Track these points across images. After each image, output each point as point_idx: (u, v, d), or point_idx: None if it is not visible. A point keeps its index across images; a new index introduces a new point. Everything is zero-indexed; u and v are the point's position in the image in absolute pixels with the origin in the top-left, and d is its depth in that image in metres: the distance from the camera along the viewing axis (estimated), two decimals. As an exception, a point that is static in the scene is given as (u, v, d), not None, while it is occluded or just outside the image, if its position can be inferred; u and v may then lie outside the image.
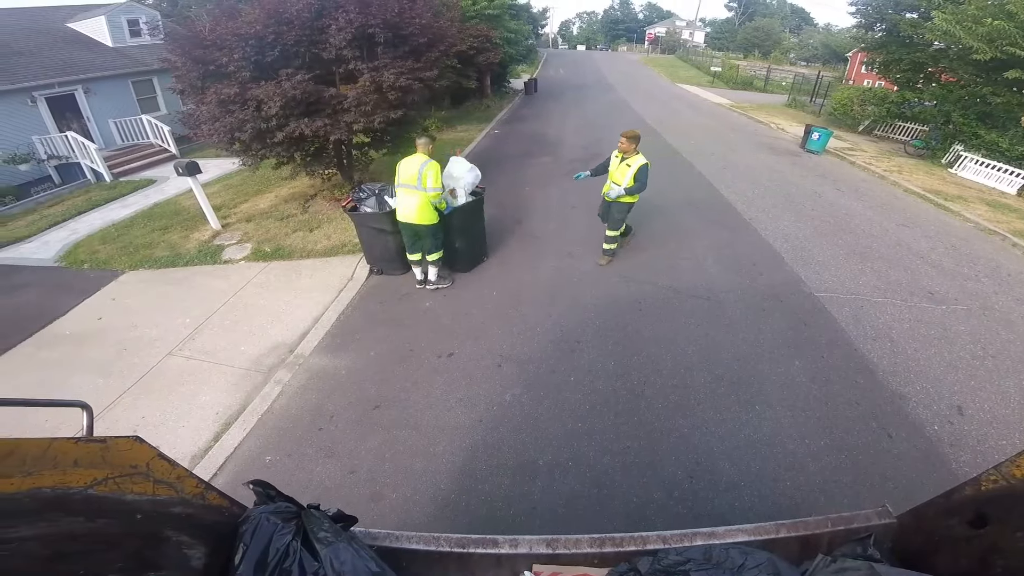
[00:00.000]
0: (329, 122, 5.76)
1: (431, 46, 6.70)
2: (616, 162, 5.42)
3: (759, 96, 25.41)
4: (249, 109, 5.44)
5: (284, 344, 4.98)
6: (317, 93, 5.67)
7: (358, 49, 5.89)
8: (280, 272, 6.11)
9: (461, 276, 5.84)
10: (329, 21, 5.59)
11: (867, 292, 5.62)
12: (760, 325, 4.95)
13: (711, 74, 31.67)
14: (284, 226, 7.06)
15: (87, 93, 13.11)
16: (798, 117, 18.75)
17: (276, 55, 5.40)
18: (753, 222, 7.28)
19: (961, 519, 1.29)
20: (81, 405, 1.32)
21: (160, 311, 5.62)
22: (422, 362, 4.55)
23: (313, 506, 1.44)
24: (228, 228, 7.28)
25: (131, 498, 1.09)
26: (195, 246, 6.90)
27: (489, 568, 1.59)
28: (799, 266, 6.07)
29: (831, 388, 4.19)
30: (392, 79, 5.77)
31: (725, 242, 6.65)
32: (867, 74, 37.32)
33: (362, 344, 4.87)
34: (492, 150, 12.15)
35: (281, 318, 5.37)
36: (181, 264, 6.59)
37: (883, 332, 4.93)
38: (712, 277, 5.77)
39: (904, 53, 14.26)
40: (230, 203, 8.47)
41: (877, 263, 6.30)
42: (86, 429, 1.30)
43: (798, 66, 45.12)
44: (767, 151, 12.41)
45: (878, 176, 10.91)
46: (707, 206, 8.07)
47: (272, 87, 5.26)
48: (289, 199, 8.26)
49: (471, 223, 5.72)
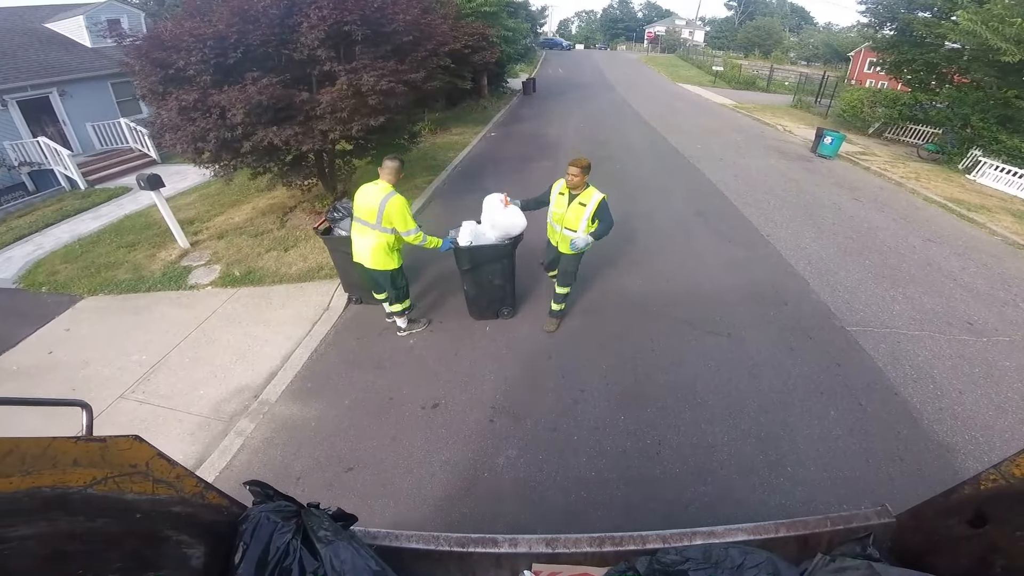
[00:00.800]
0: (301, 130, 5.13)
1: (417, 45, 6.08)
2: (563, 201, 4.10)
3: (762, 96, 24.82)
4: (212, 117, 4.83)
5: (248, 388, 4.39)
6: (287, 98, 5.05)
7: (333, 49, 5.27)
8: (249, 300, 5.50)
9: (456, 311, 5.20)
10: (300, 18, 4.98)
11: (902, 324, 5.06)
12: (788, 368, 4.37)
13: (713, 73, 31.06)
14: (257, 244, 6.45)
15: (62, 96, 12.45)
16: (804, 118, 18.18)
17: (239, 56, 4.77)
18: (771, 239, 6.69)
19: (960, 518, 1.26)
20: (81, 404, 1.32)
21: (116, 345, 5.03)
22: (403, 413, 3.96)
23: (313, 505, 1.42)
24: (197, 246, 6.67)
25: (131, 497, 1.08)
26: (160, 267, 6.30)
27: (489, 567, 1.58)
28: (826, 293, 5.48)
29: (871, 442, 3.64)
30: (372, 82, 5.14)
31: (742, 263, 6.06)
32: (870, 74, 36.82)
33: (336, 390, 4.28)
34: (488, 154, 11.56)
35: (246, 356, 4.77)
36: (143, 289, 5.99)
37: (924, 372, 4.39)
38: (731, 307, 5.17)
39: (917, 53, 13.71)
40: (204, 215, 7.86)
41: (909, 288, 5.74)
42: (85, 428, 1.30)
43: (798, 65, 44.61)
44: (777, 155, 11.83)
45: (895, 183, 10.36)
46: (719, 218, 7.48)
47: (236, 92, 4.64)
48: (267, 211, 7.65)
49: (488, 272, 4.53)
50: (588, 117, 16.29)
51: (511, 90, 22.36)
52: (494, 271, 4.46)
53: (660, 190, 8.75)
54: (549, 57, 44.82)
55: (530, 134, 13.62)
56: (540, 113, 17.31)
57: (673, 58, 47.60)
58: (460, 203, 8.02)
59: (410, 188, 8.39)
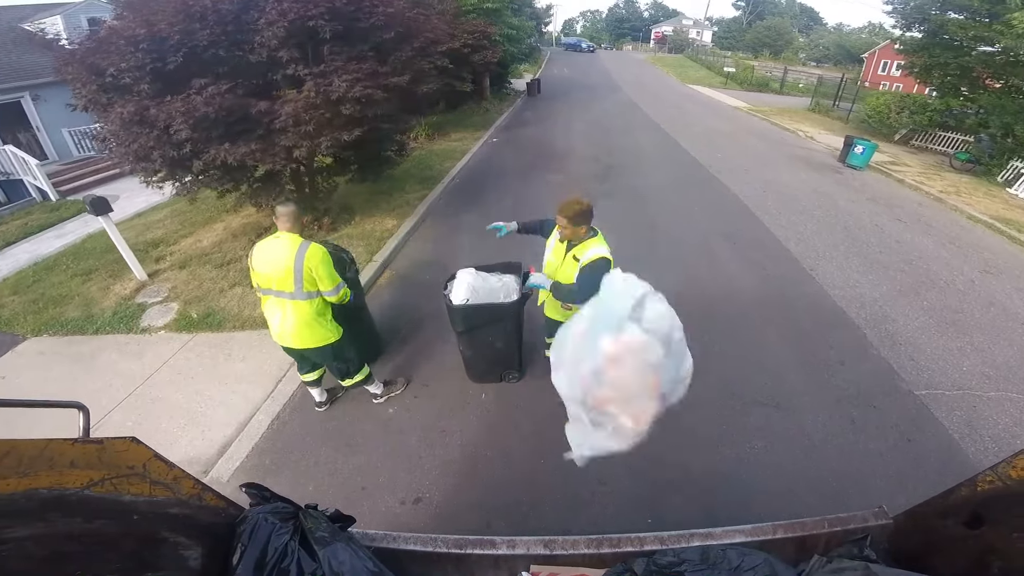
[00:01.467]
0: (260, 147, 4.31)
1: (401, 43, 5.23)
2: (560, 250, 3.02)
3: (776, 99, 23.89)
4: (154, 132, 4.01)
5: (198, 460, 3.59)
6: (241, 109, 4.22)
7: (298, 49, 4.44)
8: (205, 350, 4.67)
9: (446, 369, 4.34)
10: (257, 13, 4.18)
11: (976, 384, 4.23)
12: (852, 447, 3.54)
13: (724, 74, 30.10)
14: (222, 277, 5.63)
15: (35, 100, 11.69)
16: (824, 123, 17.28)
17: (180, 61, 3.93)
18: (815, 273, 5.80)
19: (957, 520, 1.25)
20: (77, 406, 1.36)
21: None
22: (377, 509, 3.14)
23: (311, 506, 1.40)
24: (156, 277, 5.86)
25: (128, 499, 1.09)
26: (113, 304, 5.49)
27: (487, 569, 1.56)
28: (887, 348, 4.61)
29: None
30: (344, 87, 4.29)
31: (787, 308, 5.16)
32: (884, 75, 35.79)
33: (298, 470, 3.46)
34: (490, 163, 10.69)
35: (198, 420, 3.96)
36: (91, 330, 5.19)
37: (1005, 443, 3.63)
38: (778, 368, 4.29)
39: (951, 57, 12.81)
40: (172, 236, 7.06)
41: (975, 336, 4.90)
42: (82, 430, 1.34)
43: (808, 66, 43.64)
44: (804, 166, 10.93)
45: (934, 199, 9.49)
46: (751, 244, 6.59)
47: (178, 104, 3.82)
48: (239, 232, 6.84)
49: (488, 334, 3.60)
50: (596, 121, 15.41)
51: (515, 91, 21.50)
52: (495, 333, 3.55)
53: (681, 208, 7.86)
54: (553, 56, 43.99)
55: (535, 140, 12.75)
56: (545, 116, 16.44)
57: (681, 58, 46.65)
58: (457, 223, 7.19)
59: (400, 205, 7.56)
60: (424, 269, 5.87)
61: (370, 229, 6.58)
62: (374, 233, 6.44)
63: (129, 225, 7.98)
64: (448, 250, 6.31)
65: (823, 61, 56.91)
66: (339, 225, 6.69)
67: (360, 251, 6.00)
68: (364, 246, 6.09)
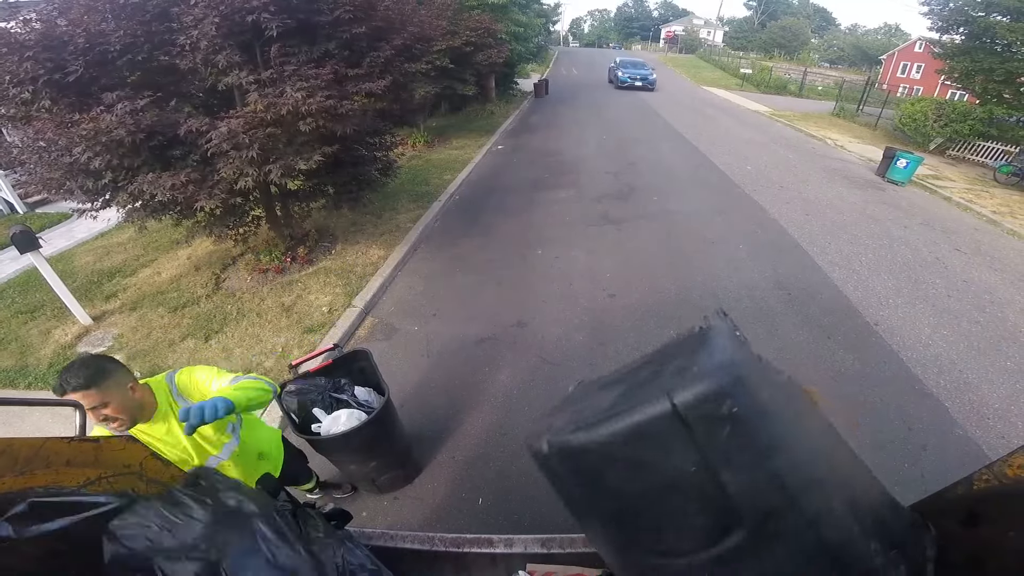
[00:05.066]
0: (192, 177, 3.40)
1: (378, 39, 4.28)
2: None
3: (797, 102, 22.78)
4: (65, 158, 3.12)
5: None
6: (170, 129, 3.31)
7: (242, 51, 3.52)
8: (135, 426, 3.82)
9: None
10: (182, 8, 3.27)
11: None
12: None
13: (740, 76, 28.99)
14: (176, 323, 4.75)
15: (7, 100, 10.86)
16: (852, 130, 16.23)
17: (81, 71, 3.01)
18: (881, 329, 4.81)
19: (953, 519, 1.18)
20: (73, 404, 1.37)
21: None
22: None
23: (308, 505, 1.35)
24: (102, 322, 4.98)
25: None
26: (51, 353, 4.63)
27: (485, 567, 1.55)
28: (973, 424, 3.67)
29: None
30: (299, 98, 3.32)
31: (853, 377, 4.17)
32: (904, 78, 34.46)
33: None
34: (494, 177, 9.71)
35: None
36: (23, 384, 4.35)
37: None
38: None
39: (996, 62, 11.79)
40: (130, 265, 6.19)
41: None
42: (79, 428, 1.41)
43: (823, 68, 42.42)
44: (842, 181, 9.92)
45: (988, 220, 8.50)
46: (808, 296, 5.37)
47: (85, 123, 2.96)
48: (203, 263, 5.95)
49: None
50: (610, 127, 14.42)
51: (521, 92, 20.54)
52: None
53: (718, 242, 6.69)
54: (561, 56, 42.97)
55: (544, 149, 11.78)
56: (554, 120, 15.47)
57: (693, 59, 45.49)
58: (456, 253, 6.26)
59: (390, 229, 6.64)
60: (413, 316, 4.96)
61: (352, 262, 5.66)
62: (355, 268, 5.51)
63: (90, 248, 7.13)
64: (444, 291, 5.38)
65: (837, 62, 55.54)
66: (317, 256, 5.77)
67: (338, 291, 5.10)
68: (343, 285, 5.18)
